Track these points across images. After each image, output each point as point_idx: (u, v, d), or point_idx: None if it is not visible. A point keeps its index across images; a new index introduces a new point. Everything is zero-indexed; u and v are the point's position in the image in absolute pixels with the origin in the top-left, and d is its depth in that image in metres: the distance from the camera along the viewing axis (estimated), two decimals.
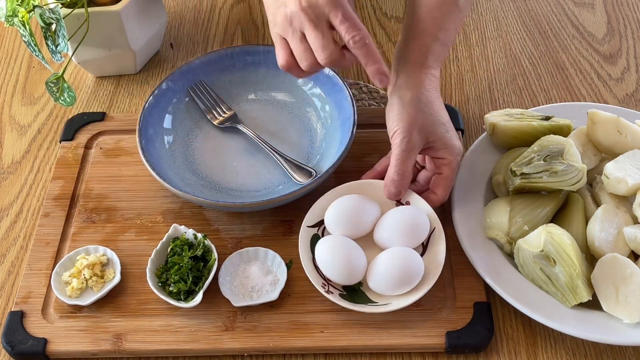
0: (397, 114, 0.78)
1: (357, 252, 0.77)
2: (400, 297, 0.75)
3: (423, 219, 0.79)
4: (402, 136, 0.77)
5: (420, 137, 0.77)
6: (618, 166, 0.79)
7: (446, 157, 0.79)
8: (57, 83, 0.94)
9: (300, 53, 0.73)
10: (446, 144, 0.78)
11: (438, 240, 0.79)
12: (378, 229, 0.80)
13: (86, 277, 0.79)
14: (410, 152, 0.77)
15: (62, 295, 0.78)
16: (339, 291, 0.77)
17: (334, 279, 0.76)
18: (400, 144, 0.77)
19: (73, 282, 0.79)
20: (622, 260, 0.73)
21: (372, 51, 0.71)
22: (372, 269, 0.76)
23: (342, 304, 0.74)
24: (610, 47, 1.09)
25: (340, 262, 0.76)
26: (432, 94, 0.80)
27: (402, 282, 0.75)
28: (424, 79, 0.80)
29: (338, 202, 0.80)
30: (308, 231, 0.80)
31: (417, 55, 0.80)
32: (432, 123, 0.78)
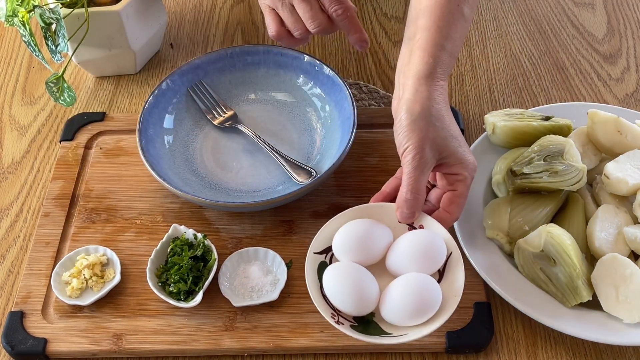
0: (406, 129, 0.73)
1: (368, 280, 0.71)
2: (416, 327, 0.70)
3: (439, 244, 0.73)
4: (414, 153, 0.72)
5: (433, 152, 0.73)
6: (618, 166, 0.79)
7: (461, 173, 0.74)
8: (57, 83, 0.94)
9: (292, 23, 0.83)
10: (460, 159, 0.74)
11: (456, 266, 0.73)
12: (391, 255, 0.74)
13: (86, 277, 0.79)
14: (423, 169, 0.72)
15: (62, 295, 0.78)
16: (350, 322, 0.71)
17: (344, 309, 0.71)
18: (412, 161, 0.72)
19: (73, 282, 0.79)
20: (622, 260, 0.73)
21: (353, 22, 0.81)
22: (385, 298, 0.71)
23: (355, 336, 0.69)
24: (610, 47, 1.09)
25: (351, 290, 0.70)
26: (442, 107, 0.75)
27: (419, 312, 0.69)
28: (433, 92, 0.75)
29: (347, 227, 0.74)
30: (315, 258, 0.75)
31: (426, 67, 0.76)
32: (445, 137, 0.73)
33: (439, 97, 0.76)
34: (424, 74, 0.76)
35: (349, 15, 0.80)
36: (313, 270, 0.74)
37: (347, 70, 1.07)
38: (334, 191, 0.87)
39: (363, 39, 0.83)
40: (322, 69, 0.93)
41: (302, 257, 0.81)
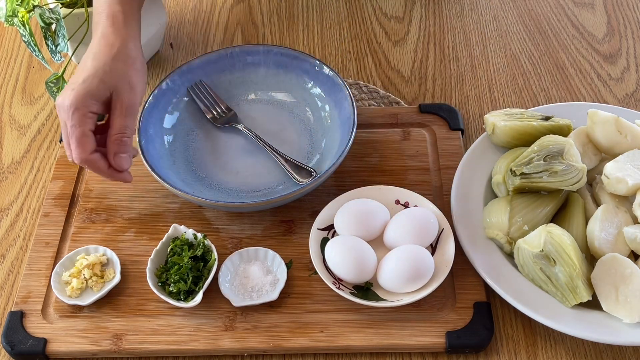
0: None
1: (367, 250, 0.78)
2: (410, 294, 0.76)
3: (432, 220, 0.80)
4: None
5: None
6: (618, 166, 0.79)
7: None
8: (57, 83, 0.94)
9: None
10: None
11: (447, 240, 0.79)
12: (387, 230, 0.80)
13: (86, 277, 0.79)
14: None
15: (62, 295, 0.78)
16: (350, 290, 0.77)
17: (344, 277, 0.77)
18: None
19: (73, 282, 0.79)
20: (622, 260, 0.73)
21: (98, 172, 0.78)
22: (382, 267, 0.77)
23: (355, 300, 0.75)
24: (610, 47, 1.09)
25: (351, 259, 0.76)
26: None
27: (413, 278, 0.75)
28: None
29: (347, 205, 0.81)
30: (318, 234, 0.81)
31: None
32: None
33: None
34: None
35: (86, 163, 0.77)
36: (317, 244, 0.80)
37: (347, 70, 1.07)
38: (334, 191, 0.87)
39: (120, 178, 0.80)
40: (322, 69, 0.93)
41: (302, 257, 0.81)
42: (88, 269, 0.80)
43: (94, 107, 0.76)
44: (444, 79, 1.04)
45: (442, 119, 0.95)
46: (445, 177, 0.89)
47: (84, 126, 0.75)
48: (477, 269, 0.77)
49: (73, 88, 0.76)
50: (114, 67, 0.77)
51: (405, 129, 0.94)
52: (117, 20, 0.80)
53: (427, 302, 0.77)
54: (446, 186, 0.87)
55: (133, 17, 0.82)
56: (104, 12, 0.81)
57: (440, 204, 0.85)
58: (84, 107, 0.75)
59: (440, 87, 1.03)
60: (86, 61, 0.78)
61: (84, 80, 0.76)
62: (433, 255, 0.79)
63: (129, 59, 0.79)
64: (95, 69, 0.77)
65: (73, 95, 0.75)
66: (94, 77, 0.76)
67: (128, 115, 0.77)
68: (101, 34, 0.80)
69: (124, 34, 0.80)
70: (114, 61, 0.77)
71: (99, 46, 0.79)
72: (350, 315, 0.77)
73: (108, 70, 0.77)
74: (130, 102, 0.78)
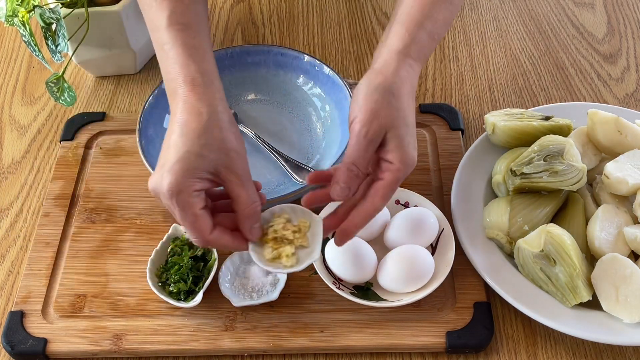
0: (361, 99, 0.68)
1: (367, 250, 0.78)
2: (410, 294, 0.76)
3: (432, 220, 0.80)
4: (361, 125, 0.66)
5: (380, 130, 0.67)
6: (618, 166, 0.79)
7: (394, 163, 0.67)
8: (57, 83, 0.94)
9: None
10: (401, 147, 0.67)
11: (447, 240, 0.79)
12: (388, 230, 0.80)
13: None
14: (368, 144, 0.66)
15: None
16: (350, 290, 0.77)
17: (344, 277, 0.77)
18: (359, 135, 0.66)
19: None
20: (622, 260, 0.73)
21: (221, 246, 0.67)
22: (382, 267, 0.77)
23: (355, 300, 0.75)
24: (610, 47, 1.09)
25: (351, 259, 0.76)
26: (405, 87, 0.69)
27: (413, 278, 0.75)
28: (400, 69, 0.69)
29: None
30: None
31: (400, 42, 0.71)
32: (395, 118, 0.67)
33: (405, 76, 0.70)
34: (396, 49, 0.71)
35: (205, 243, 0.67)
36: None
37: (347, 70, 1.07)
38: None
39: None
40: (322, 69, 0.93)
41: None
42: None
43: (197, 185, 0.64)
44: (444, 79, 1.04)
45: (442, 119, 0.95)
46: (445, 177, 0.89)
47: (193, 208, 0.64)
48: (477, 269, 0.77)
49: (168, 169, 0.64)
50: (210, 137, 0.65)
51: None
52: (197, 84, 0.68)
53: (427, 302, 0.77)
54: (446, 186, 0.87)
55: (214, 75, 0.71)
56: (180, 77, 0.69)
57: (440, 204, 0.85)
58: (186, 188, 0.64)
59: (440, 87, 1.03)
60: (171, 137, 0.67)
61: (179, 159, 0.64)
62: (433, 255, 0.79)
63: (223, 123, 0.67)
64: (189, 144, 0.65)
65: (170, 178, 0.64)
66: (190, 154, 0.64)
67: (247, 183, 0.67)
68: (183, 103, 0.68)
69: (210, 98, 0.68)
70: (208, 131, 0.66)
71: (184, 116, 0.67)
72: (350, 315, 0.77)
73: (204, 143, 0.65)
74: (243, 169, 0.67)
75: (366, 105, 0.67)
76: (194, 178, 0.64)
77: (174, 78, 0.70)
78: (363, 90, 0.69)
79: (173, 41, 0.70)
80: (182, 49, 0.70)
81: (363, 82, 0.70)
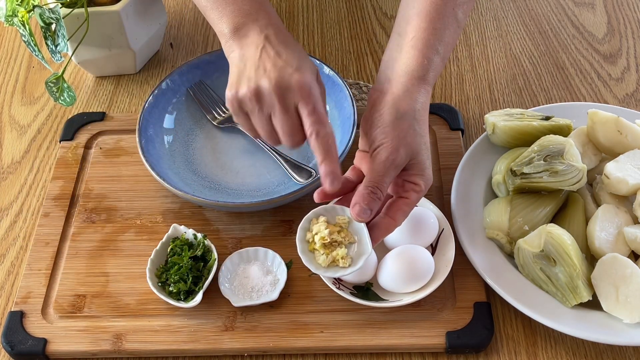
0: (388, 125, 0.71)
1: None
2: (410, 294, 0.76)
3: (432, 220, 0.80)
4: (389, 151, 0.70)
5: (405, 156, 0.70)
6: (618, 166, 0.79)
7: (419, 184, 0.71)
8: (57, 83, 0.94)
9: (266, 133, 0.72)
10: (423, 169, 0.72)
11: (447, 240, 0.80)
12: None
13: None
14: (393, 170, 0.70)
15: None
16: (350, 290, 0.77)
17: (344, 277, 0.77)
18: (386, 160, 0.69)
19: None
20: (622, 260, 0.73)
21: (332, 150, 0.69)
22: (382, 267, 0.77)
23: (355, 300, 0.75)
24: (610, 47, 1.09)
25: None
26: (424, 113, 0.74)
27: (413, 278, 0.75)
28: (420, 96, 0.73)
29: None
30: None
31: (419, 68, 0.74)
32: (419, 144, 0.72)
33: (424, 102, 0.74)
34: (417, 75, 0.74)
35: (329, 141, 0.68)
36: None
37: (347, 70, 1.07)
38: None
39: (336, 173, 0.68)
40: (322, 68, 0.93)
41: None
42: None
43: None
44: (444, 79, 1.04)
45: (442, 119, 0.95)
46: (445, 177, 0.89)
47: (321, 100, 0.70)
48: (477, 269, 0.77)
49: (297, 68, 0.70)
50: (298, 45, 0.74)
51: None
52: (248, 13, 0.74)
53: (427, 302, 0.77)
54: (446, 186, 0.87)
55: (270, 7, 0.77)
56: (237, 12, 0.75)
57: (440, 204, 0.85)
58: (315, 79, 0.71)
59: (440, 87, 1.03)
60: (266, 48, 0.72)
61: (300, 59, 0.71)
62: (433, 255, 0.79)
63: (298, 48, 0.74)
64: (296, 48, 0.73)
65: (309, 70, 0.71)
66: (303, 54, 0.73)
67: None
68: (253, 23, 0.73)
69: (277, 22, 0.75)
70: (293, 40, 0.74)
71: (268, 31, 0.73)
72: (350, 316, 0.77)
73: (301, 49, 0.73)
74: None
75: (394, 132, 0.70)
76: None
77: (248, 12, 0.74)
78: (389, 116, 0.71)
79: None
80: None
81: (388, 108, 0.72)
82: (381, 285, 0.77)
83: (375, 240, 0.71)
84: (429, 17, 0.75)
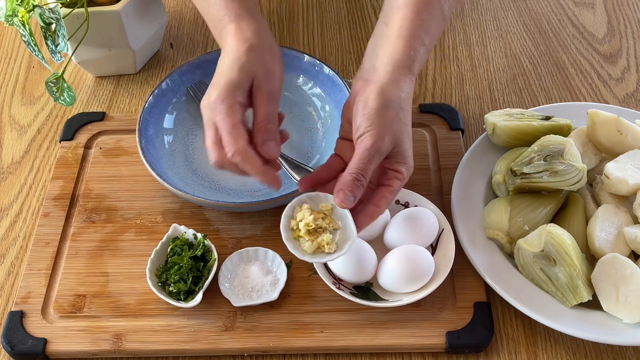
0: (373, 113, 0.71)
1: (367, 250, 0.78)
2: (410, 294, 0.76)
3: (432, 220, 0.80)
4: (374, 139, 0.70)
5: (390, 143, 0.71)
6: (618, 166, 0.79)
7: (402, 172, 0.72)
8: (57, 83, 0.94)
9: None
10: (406, 158, 0.72)
11: (447, 240, 0.80)
12: (388, 230, 0.80)
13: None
14: (378, 157, 0.70)
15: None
16: (350, 290, 0.77)
17: (344, 277, 0.77)
18: (371, 147, 0.69)
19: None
20: (622, 260, 0.73)
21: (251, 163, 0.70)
22: (382, 267, 0.77)
23: (355, 300, 0.75)
24: (610, 47, 1.09)
25: (351, 259, 0.76)
26: (409, 102, 0.74)
27: (413, 278, 0.75)
28: (406, 85, 0.74)
29: None
30: None
31: (406, 57, 0.74)
32: (403, 132, 0.72)
33: (409, 91, 0.74)
34: (404, 65, 0.74)
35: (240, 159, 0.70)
36: None
37: (347, 70, 1.07)
38: None
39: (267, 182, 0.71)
40: (322, 68, 0.93)
41: None
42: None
43: (239, 97, 0.72)
44: (444, 79, 1.04)
45: (442, 119, 0.95)
46: (445, 177, 0.89)
47: (233, 117, 0.71)
48: (477, 269, 0.77)
49: (215, 85, 0.73)
50: (250, 56, 0.74)
51: None
52: (242, 18, 0.77)
53: (427, 302, 0.77)
54: (446, 186, 0.87)
55: (255, 10, 0.79)
56: (226, 16, 0.77)
57: (440, 204, 0.85)
58: (230, 97, 0.71)
59: (440, 87, 1.03)
60: (222, 60, 0.75)
61: (223, 73, 0.73)
62: (433, 255, 0.79)
63: (264, 47, 0.75)
64: (232, 61, 0.73)
65: (217, 89, 0.72)
66: (233, 69, 0.73)
67: (270, 102, 0.73)
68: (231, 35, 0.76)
69: (254, 27, 0.76)
70: (250, 52, 0.74)
71: (232, 44, 0.75)
72: (350, 315, 0.77)
73: (245, 59, 0.73)
74: (270, 88, 0.73)
75: (380, 120, 0.70)
76: (237, 90, 0.72)
77: (221, 19, 0.78)
78: (376, 104, 0.71)
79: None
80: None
81: (374, 96, 0.72)
82: (381, 285, 0.77)
83: (359, 227, 0.71)
84: (416, 8, 0.76)
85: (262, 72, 0.73)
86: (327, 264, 0.78)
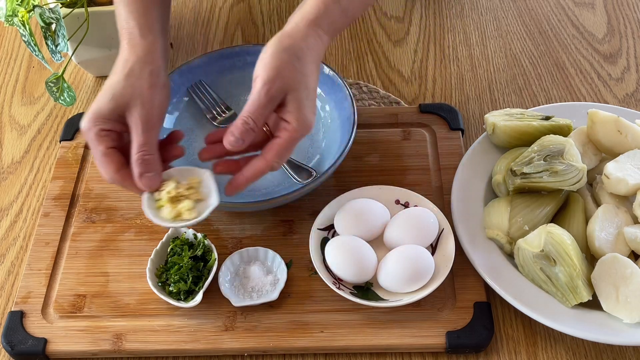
0: (267, 57, 0.71)
1: (367, 250, 0.78)
2: (410, 294, 0.76)
3: (432, 220, 0.80)
4: (263, 81, 0.70)
5: (281, 90, 0.70)
6: (618, 166, 0.79)
7: (290, 122, 0.71)
8: (57, 83, 0.94)
9: None
10: (299, 109, 0.71)
11: (447, 240, 0.80)
12: (387, 230, 0.80)
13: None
14: (268, 101, 0.70)
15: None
16: (350, 290, 0.77)
17: (344, 277, 0.77)
18: (260, 90, 0.70)
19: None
20: (622, 260, 0.73)
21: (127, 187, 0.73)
22: (382, 267, 0.77)
23: (355, 300, 0.75)
24: (610, 47, 1.09)
25: (351, 259, 0.76)
26: (310, 54, 0.73)
27: (413, 278, 0.75)
28: (309, 36, 0.74)
29: (347, 205, 0.81)
30: (318, 233, 0.81)
31: (313, 11, 0.75)
32: (297, 81, 0.71)
33: (312, 43, 0.74)
34: (309, 17, 0.75)
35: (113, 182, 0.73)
36: (317, 244, 0.80)
37: (347, 70, 1.07)
38: (334, 191, 0.87)
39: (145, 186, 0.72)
40: (322, 68, 0.93)
41: (302, 257, 0.81)
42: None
43: (106, 125, 0.72)
44: (444, 79, 1.04)
45: (442, 119, 0.95)
46: (445, 177, 0.89)
47: (100, 145, 0.71)
48: (477, 269, 0.77)
49: (90, 109, 0.73)
50: (126, 84, 0.73)
51: (405, 129, 0.94)
52: (133, 37, 0.76)
53: (427, 302, 0.77)
54: (446, 186, 0.87)
55: (150, 31, 0.77)
56: (123, 30, 0.77)
57: (440, 204, 0.85)
58: (94, 126, 0.71)
59: (440, 87, 1.03)
60: (109, 77, 0.75)
61: (96, 100, 0.73)
62: (433, 255, 0.79)
63: (143, 73, 0.74)
64: (109, 86, 0.74)
65: (88, 115, 0.72)
66: (104, 96, 0.73)
67: (146, 131, 0.72)
68: (121, 53, 0.76)
69: (139, 50, 0.75)
70: (127, 78, 0.73)
71: (118, 64, 0.75)
72: (350, 315, 0.77)
73: (119, 88, 0.73)
74: (146, 117, 0.72)
75: (271, 63, 0.71)
76: (102, 119, 0.72)
77: (120, 32, 0.78)
78: (270, 49, 0.72)
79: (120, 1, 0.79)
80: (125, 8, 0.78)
81: (272, 42, 0.73)
82: (381, 285, 0.77)
83: (246, 179, 0.72)
84: None
85: (138, 101, 0.72)
86: (327, 264, 0.78)
